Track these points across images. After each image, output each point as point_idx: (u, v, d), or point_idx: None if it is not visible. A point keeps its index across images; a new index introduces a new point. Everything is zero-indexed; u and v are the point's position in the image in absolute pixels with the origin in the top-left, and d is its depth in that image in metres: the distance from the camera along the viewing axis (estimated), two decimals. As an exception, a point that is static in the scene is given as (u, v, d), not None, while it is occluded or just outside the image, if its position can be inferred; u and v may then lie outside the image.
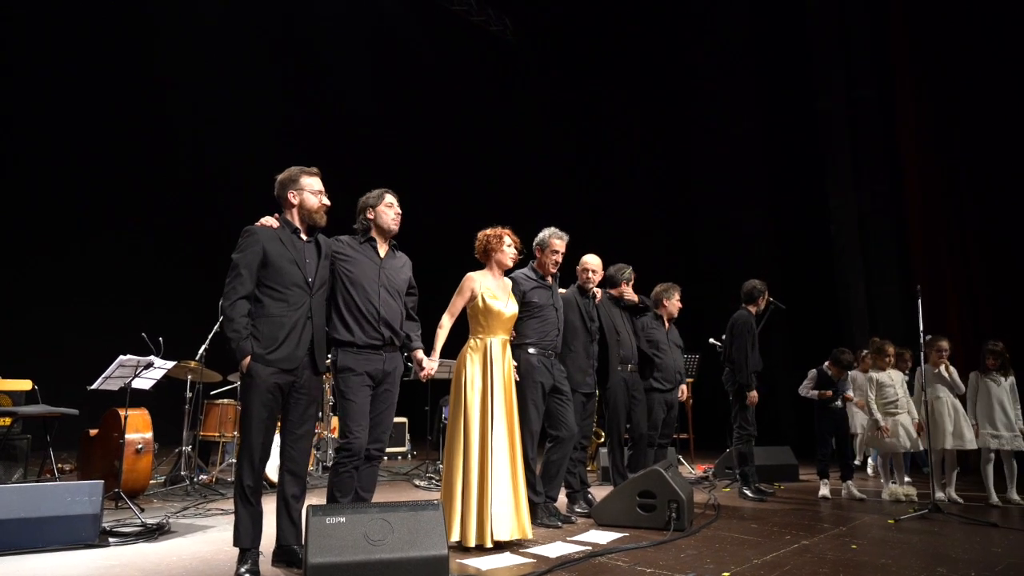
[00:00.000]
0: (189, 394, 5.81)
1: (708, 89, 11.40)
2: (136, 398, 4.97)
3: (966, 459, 5.82)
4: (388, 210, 3.51)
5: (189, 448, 5.74)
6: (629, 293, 5.20)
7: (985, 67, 8.19)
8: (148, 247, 9.22)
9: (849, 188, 9.65)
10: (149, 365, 4.78)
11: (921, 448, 5.49)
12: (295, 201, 3.21)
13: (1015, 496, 5.19)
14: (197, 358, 5.72)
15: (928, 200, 8.41)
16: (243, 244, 3.09)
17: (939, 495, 4.93)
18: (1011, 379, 5.33)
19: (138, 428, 4.95)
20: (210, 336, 5.72)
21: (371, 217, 3.48)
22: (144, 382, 4.93)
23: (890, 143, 9.12)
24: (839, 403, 5.67)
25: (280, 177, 3.28)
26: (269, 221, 3.20)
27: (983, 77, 8.20)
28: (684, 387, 5.78)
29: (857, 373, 5.97)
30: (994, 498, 5.16)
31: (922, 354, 5.06)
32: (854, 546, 3.73)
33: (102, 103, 8.83)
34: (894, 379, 5.56)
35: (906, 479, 5.67)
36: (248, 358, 2.98)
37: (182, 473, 5.64)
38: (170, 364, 5.00)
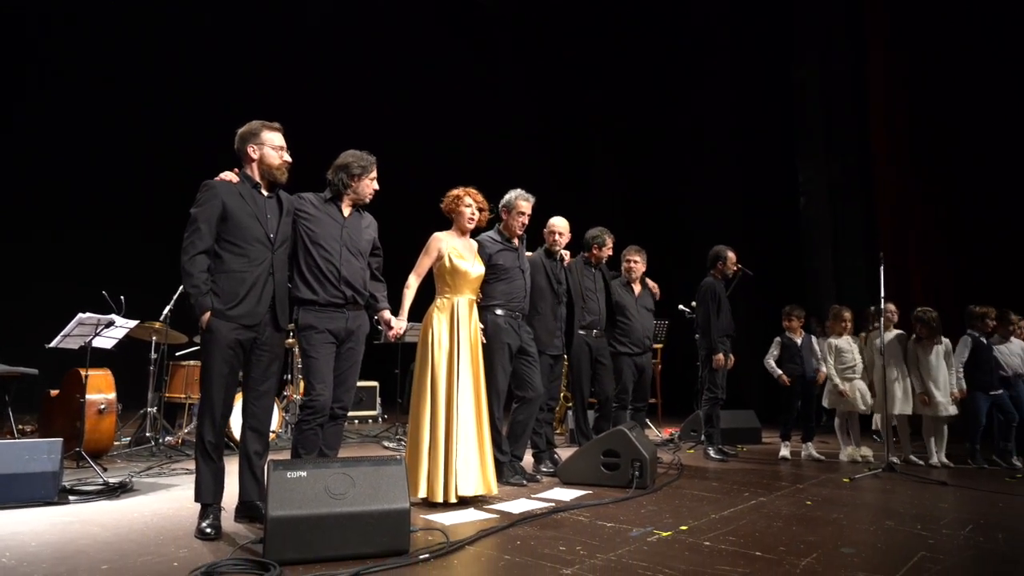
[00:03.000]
0: (154, 355, 5.74)
1: (683, 57, 11.35)
2: (99, 359, 4.91)
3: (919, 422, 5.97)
4: (372, 183, 3.47)
5: (154, 409, 5.69)
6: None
7: (955, 41, 8.25)
8: (110, 204, 8.99)
9: (820, 159, 9.75)
10: (110, 324, 4.70)
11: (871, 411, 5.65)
12: (255, 156, 3.14)
13: (943, 458, 5.37)
14: (161, 319, 5.64)
15: (895, 171, 8.53)
16: (201, 198, 3.02)
17: (893, 457, 5.09)
18: (943, 345, 5.46)
19: (100, 388, 4.88)
20: (175, 297, 5.63)
21: (352, 184, 3.43)
22: (105, 341, 4.85)
23: (862, 114, 9.20)
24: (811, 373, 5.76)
25: (240, 131, 3.19)
26: (228, 176, 3.13)
27: (953, 51, 8.27)
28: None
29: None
30: (933, 459, 5.35)
31: (881, 320, 5.17)
32: (808, 502, 3.85)
33: (52, 59, 8.53)
34: (851, 345, 5.70)
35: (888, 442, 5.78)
36: (208, 314, 2.93)
37: (147, 434, 5.59)
38: (132, 323, 4.92)
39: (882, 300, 5.13)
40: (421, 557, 2.57)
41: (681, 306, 6.78)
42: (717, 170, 10.69)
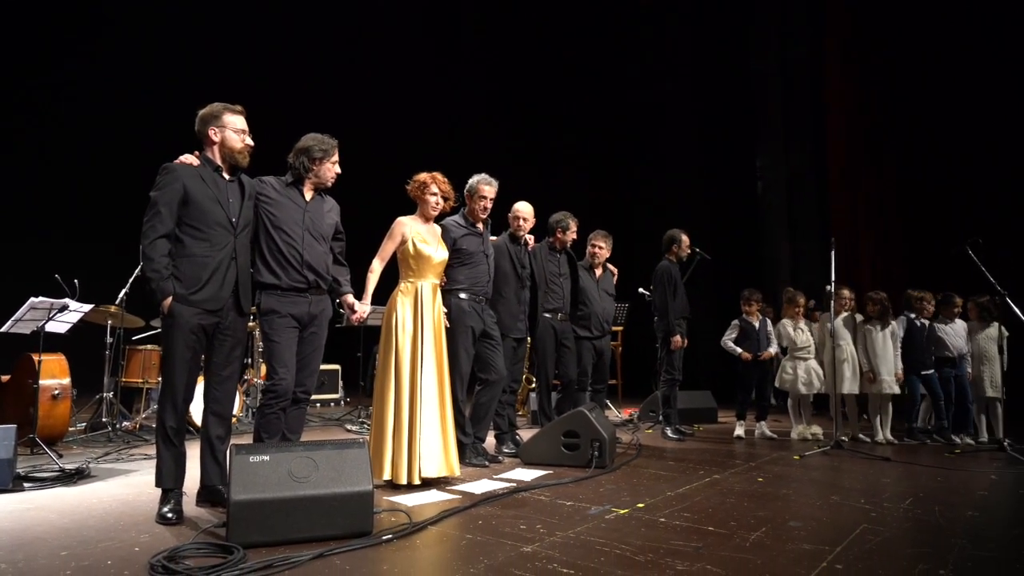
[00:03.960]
0: (109, 339, 5.63)
1: (646, 46, 11.44)
2: (53, 343, 4.80)
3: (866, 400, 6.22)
4: (333, 167, 3.46)
5: (110, 395, 5.59)
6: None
7: (911, 32, 8.51)
8: (65, 183, 8.71)
9: (779, 146, 9.98)
10: (64, 308, 4.60)
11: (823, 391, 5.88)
12: (216, 139, 3.10)
13: (888, 435, 5.62)
14: (117, 302, 5.53)
15: (849, 158, 8.80)
16: (161, 181, 2.98)
17: (842, 435, 5.31)
18: (891, 327, 5.69)
19: (54, 374, 4.78)
20: (131, 280, 5.52)
21: (313, 168, 3.40)
22: (59, 326, 4.74)
23: (818, 103, 9.43)
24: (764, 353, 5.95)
25: (201, 112, 3.14)
26: (189, 159, 3.08)
27: (908, 42, 8.53)
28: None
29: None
30: (879, 436, 5.59)
31: (832, 303, 5.36)
32: (760, 479, 4.01)
33: (14, 25, 8.19)
34: (804, 328, 5.90)
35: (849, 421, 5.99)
36: (169, 299, 2.91)
37: (103, 420, 5.50)
38: (87, 307, 4.82)
39: (832, 284, 5.32)
40: (384, 538, 2.62)
41: (641, 289, 6.90)
42: (678, 156, 10.86)
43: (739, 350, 5.91)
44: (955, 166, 8.14)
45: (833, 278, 5.28)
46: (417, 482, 3.58)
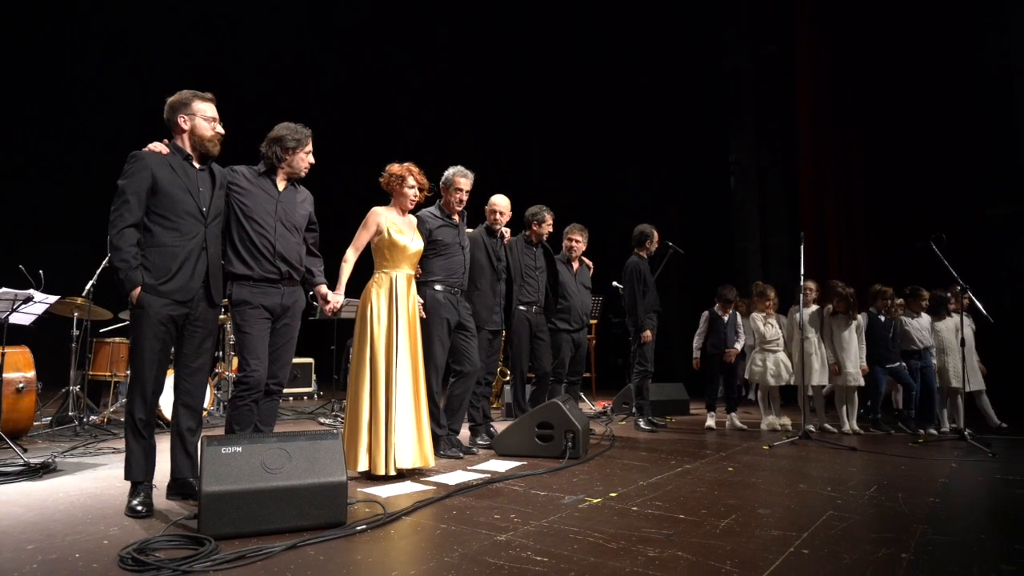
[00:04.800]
0: (76, 332, 5.51)
1: (620, 41, 11.49)
2: (17, 336, 4.69)
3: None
4: (307, 157, 3.43)
5: (77, 388, 5.48)
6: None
7: (880, 29, 8.67)
8: (28, 173, 8.50)
9: (751, 143, 10.11)
10: (28, 299, 4.49)
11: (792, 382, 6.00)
12: (185, 127, 3.05)
13: (855, 425, 5.75)
14: (84, 294, 5.42)
15: (818, 154, 8.95)
16: (130, 169, 2.92)
17: (810, 425, 5.42)
18: (856, 321, 5.81)
19: (18, 367, 4.69)
20: (98, 271, 5.41)
21: (286, 158, 3.37)
22: (23, 317, 4.63)
23: (789, 100, 9.57)
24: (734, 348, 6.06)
25: (170, 100, 3.09)
26: (158, 147, 3.03)
27: (877, 39, 8.69)
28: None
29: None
30: (846, 427, 5.72)
31: (800, 296, 5.46)
32: (730, 468, 4.08)
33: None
34: (774, 321, 6.00)
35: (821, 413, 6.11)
36: (138, 289, 2.86)
37: (70, 414, 5.39)
38: (52, 299, 4.71)
39: (801, 277, 5.41)
40: (358, 528, 2.62)
41: (615, 283, 6.95)
42: (652, 151, 10.95)
43: (696, 353, 6.13)
44: (923, 162, 8.33)
45: (802, 272, 5.38)
46: (392, 473, 3.58)
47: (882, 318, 5.88)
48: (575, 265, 5.77)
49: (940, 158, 8.31)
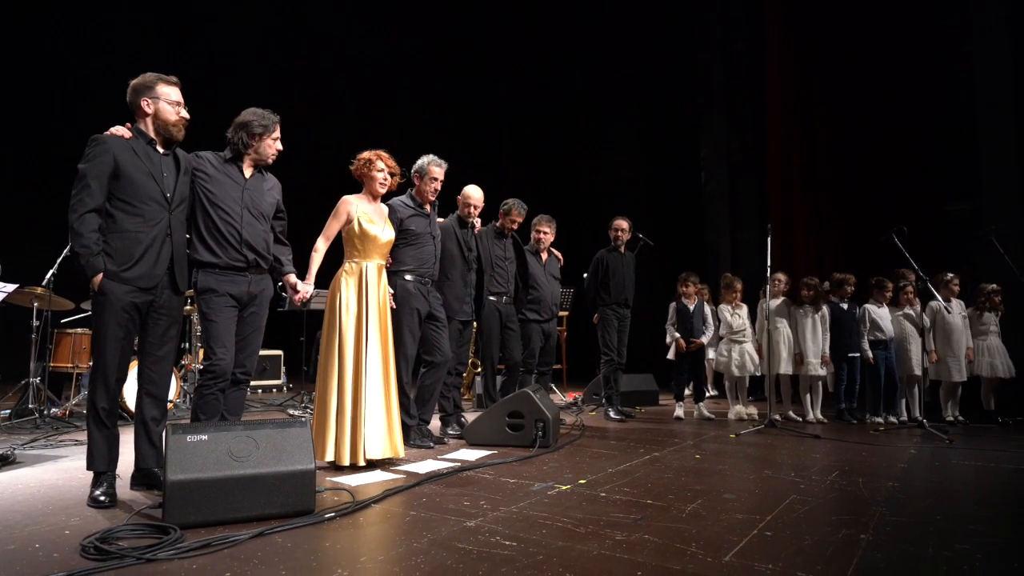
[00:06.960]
0: (36, 323, 5.37)
1: (592, 35, 11.54)
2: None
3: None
4: (274, 143, 3.37)
5: (37, 380, 5.35)
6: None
7: (849, 24, 8.83)
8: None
9: (721, 136, 10.23)
10: (-15, 288, 4.37)
11: (759, 373, 6.10)
12: (149, 110, 2.98)
13: (819, 415, 5.88)
14: (44, 283, 5.28)
15: (786, 148, 9.10)
16: (91, 153, 2.85)
17: (776, 415, 5.52)
18: (821, 312, 5.91)
19: (-25, 357, 4.55)
20: (59, 260, 5.28)
21: (253, 144, 3.31)
22: (-20, 307, 4.50)
23: (759, 94, 9.70)
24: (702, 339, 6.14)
25: (134, 83, 3.02)
26: (120, 130, 2.96)
27: (846, 33, 8.85)
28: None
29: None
30: (810, 416, 5.83)
31: (768, 288, 5.55)
32: (697, 456, 4.14)
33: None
34: (742, 313, 6.10)
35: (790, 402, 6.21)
36: (100, 275, 2.80)
37: (30, 406, 5.26)
38: (10, 287, 4.58)
39: (768, 270, 5.50)
40: (327, 516, 2.61)
41: (586, 275, 7.00)
42: (623, 145, 11.02)
43: (676, 336, 6.11)
44: (891, 155, 8.52)
45: (769, 264, 5.47)
46: (362, 463, 3.57)
47: (844, 306, 5.98)
48: (544, 256, 5.79)
49: (904, 155, 8.50)
